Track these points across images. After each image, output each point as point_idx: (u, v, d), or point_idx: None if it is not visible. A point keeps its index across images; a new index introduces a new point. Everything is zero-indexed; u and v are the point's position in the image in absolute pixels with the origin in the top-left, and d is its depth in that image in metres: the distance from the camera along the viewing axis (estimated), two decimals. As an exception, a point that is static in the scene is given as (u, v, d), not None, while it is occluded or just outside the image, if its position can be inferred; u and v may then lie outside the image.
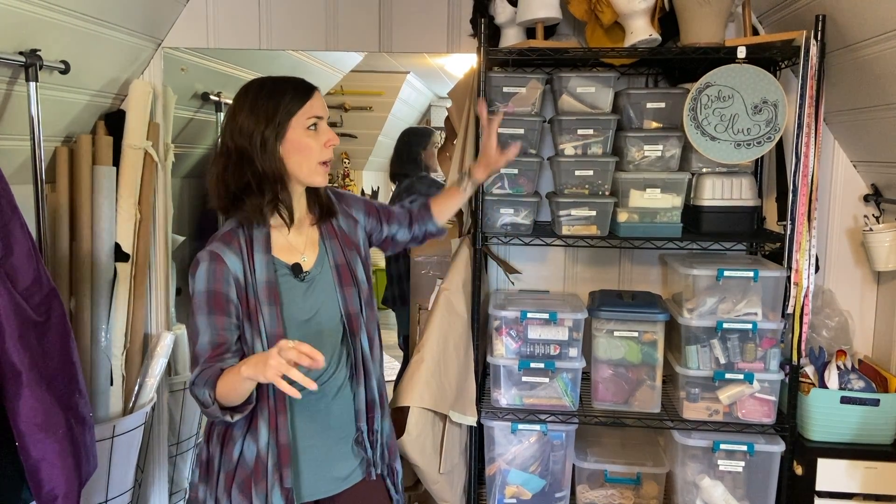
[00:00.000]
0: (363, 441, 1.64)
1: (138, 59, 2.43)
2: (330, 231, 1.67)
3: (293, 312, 1.56)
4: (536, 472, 2.23)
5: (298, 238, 1.63)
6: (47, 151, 2.17)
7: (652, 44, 2.06)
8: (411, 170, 3.39)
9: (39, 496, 1.68)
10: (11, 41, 1.87)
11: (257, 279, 1.53)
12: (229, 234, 1.56)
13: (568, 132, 2.19)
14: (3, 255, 1.61)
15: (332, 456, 1.62)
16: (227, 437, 1.57)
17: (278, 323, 1.52)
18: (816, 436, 2.08)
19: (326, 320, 1.61)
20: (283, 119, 1.52)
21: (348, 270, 1.65)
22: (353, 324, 1.62)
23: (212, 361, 1.49)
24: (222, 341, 1.50)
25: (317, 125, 1.56)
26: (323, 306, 1.60)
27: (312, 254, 1.63)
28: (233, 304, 1.52)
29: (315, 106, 1.56)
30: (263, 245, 1.56)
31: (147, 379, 2.42)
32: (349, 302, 1.62)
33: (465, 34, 2.44)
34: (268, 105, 1.53)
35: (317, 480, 1.61)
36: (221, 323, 1.51)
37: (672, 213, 2.18)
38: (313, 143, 1.55)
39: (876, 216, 2.28)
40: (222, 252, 1.52)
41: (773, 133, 2.03)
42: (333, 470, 1.63)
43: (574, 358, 2.16)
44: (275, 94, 1.54)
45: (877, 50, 1.85)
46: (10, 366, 1.60)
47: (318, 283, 1.61)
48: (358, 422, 1.64)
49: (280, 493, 1.51)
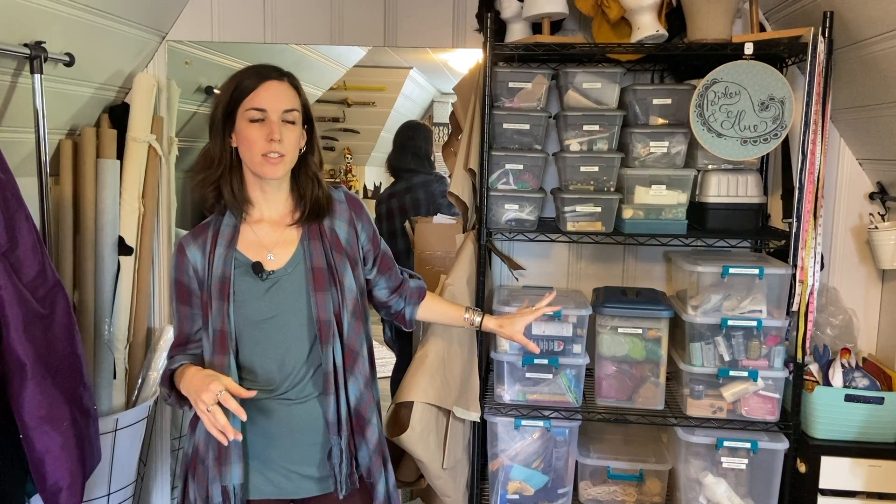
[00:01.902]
0: (333, 456, 1.57)
1: (143, 52, 2.43)
2: (313, 232, 1.60)
3: (247, 311, 1.54)
4: (539, 469, 2.23)
5: (271, 235, 1.59)
6: (51, 144, 2.17)
7: (658, 39, 2.05)
8: (412, 164, 3.36)
9: (44, 489, 1.69)
10: (16, 33, 1.86)
11: (212, 273, 1.54)
12: (202, 227, 1.61)
13: (573, 128, 2.18)
14: (8, 248, 1.60)
15: (294, 462, 1.58)
16: (192, 424, 1.63)
17: (223, 320, 1.52)
18: (820, 434, 2.08)
19: (291, 324, 1.55)
20: (232, 107, 1.52)
21: (327, 274, 1.56)
22: (322, 331, 1.54)
23: (176, 349, 1.60)
24: (183, 329, 1.60)
25: (261, 119, 1.51)
26: (287, 309, 1.55)
27: (286, 253, 1.58)
28: (194, 295, 1.58)
29: (261, 97, 1.51)
30: (228, 239, 1.56)
31: (150, 372, 2.42)
32: (320, 307, 1.54)
33: (471, 29, 2.43)
34: (225, 90, 1.55)
35: (262, 483, 1.57)
36: (184, 312, 1.59)
37: (677, 209, 2.17)
38: (256, 134, 1.50)
39: (881, 214, 2.28)
40: (186, 244, 1.58)
41: (779, 130, 2.02)
42: (296, 474, 1.58)
43: (578, 354, 2.16)
44: (234, 79, 1.54)
45: (884, 47, 1.84)
46: (15, 358, 1.60)
47: (285, 284, 1.56)
48: (330, 434, 1.57)
49: (218, 486, 1.53)
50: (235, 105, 1.52)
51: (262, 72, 1.54)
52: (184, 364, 1.54)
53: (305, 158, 1.61)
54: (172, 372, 1.54)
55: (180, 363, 1.55)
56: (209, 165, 1.57)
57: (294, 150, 1.56)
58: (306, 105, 1.60)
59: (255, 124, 1.51)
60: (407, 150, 3.36)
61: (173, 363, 1.57)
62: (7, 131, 2.01)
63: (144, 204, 2.40)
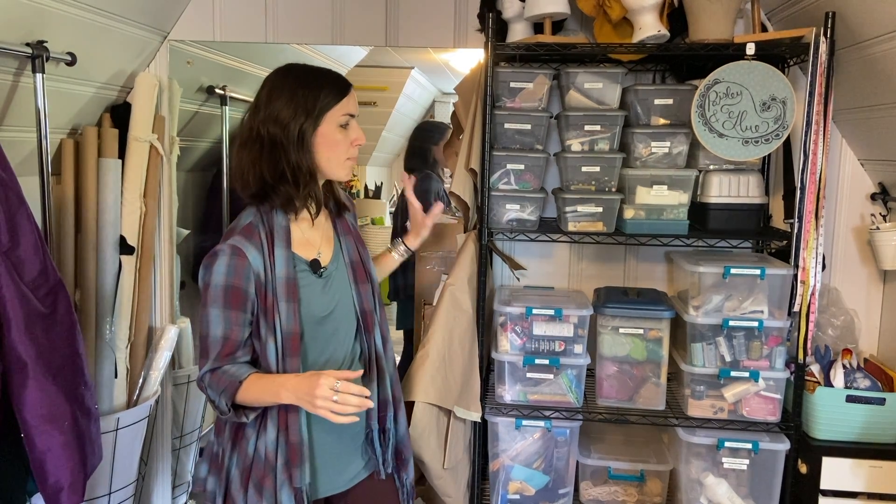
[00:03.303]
0: (373, 440, 1.64)
1: (144, 52, 2.43)
2: (344, 227, 1.68)
3: (311, 309, 1.55)
4: (540, 469, 2.23)
5: (315, 233, 1.62)
6: (53, 143, 2.17)
7: (660, 40, 2.05)
8: (418, 164, 3.38)
9: (45, 488, 1.69)
10: (18, 32, 1.87)
11: (277, 275, 1.50)
12: (249, 228, 1.52)
13: (575, 128, 2.18)
14: (9, 247, 1.60)
15: (346, 453, 1.62)
16: (240, 434, 1.55)
17: (295, 321, 1.50)
18: (821, 434, 2.07)
19: (342, 317, 1.61)
20: (320, 113, 1.52)
21: (363, 268, 1.66)
22: (367, 321, 1.63)
23: (224, 359, 1.48)
24: (234, 337, 1.49)
25: (349, 123, 1.57)
26: (339, 303, 1.60)
27: (328, 249, 1.63)
28: (250, 301, 1.49)
29: (350, 104, 1.57)
30: (284, 239, 1.53)
31: (151, 372, 2.42)
32: (364, 299, 1.63)
33: (473, 29, 2.43)
34: (307, 96, 1.51)
35: (331, 477, 1.61)
36: (236, 318, 1.49)
37: (679, 210, 2.17)
38: (342, 139, 1.56)
39: (883, 215, 2.28)
40: (244, 247, 1.49)
41: (781, 130, 2.02)
42: (346, 467, 1.63)
43: (579, 354, 2.16)
44: (314, 86, 1.53)
45: (886, 48, 1.84)
46: (17, 357, 1.60)
47: (335, 279, 1.61)
48: (369, 420, 1.64)
49: (289, 490, 1.49)
50: (324, 111, 1.53)
51: (341, 78, 1.59)
52: (253, 373, 1.48)
53: None
54: (241, 383, 1.46)
55: (249, 372, 1.47)
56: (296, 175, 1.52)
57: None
58: None
59: (343, 129, 1.56)
60: (422, 150, 3.39)
61: (240, 374, 1.46)
62: (9, 130, 2.01)
63: (146, 203, 2.40)
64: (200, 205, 3.11)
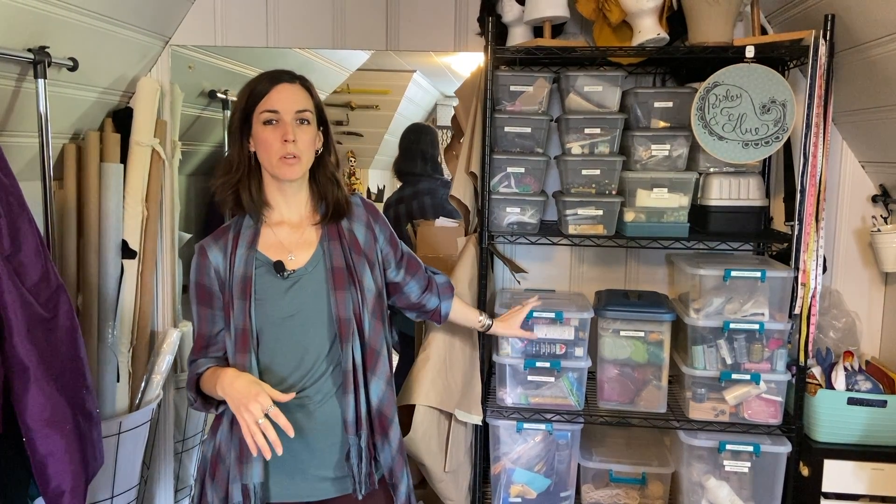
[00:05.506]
0: (352, 456, 1.57)
1: (146, 57, 2.44)
2: (332, 233, 1.63)
3: (268, 309, 1.56)
4: (541, 472, 2.23)
5: (292, 237, 1.62)
6: (55, 148, 2.18)
7: (660, 43, 2.06)
8: (416, 167, 3.36)
9: (46, 492, 1.69)
10: (21, 38, 1.88)
11: (234, 273, 1.57)
12: (223, 230, 1.64)
13: (575, 131, 2.19)
14: (11, 252, 1.61)
15: (314, 462, 1.58)
16: (216, 424, 1.65)
17: (245, 318, 1.54)
18: (823, 437, 2.07)
19: (311, 322, 1.57)
20: (248, 112, 1.57)
21: (346, 274, 1.59)
22: (342, 329, 1.56)
23: (198, 353, 1.62)
24: (203, 331, 1.62)
25: (273, 120, 1.55)
26: (308, 307, 1.57)
27: (306, 253, 1.61)
28: (215, 297, 1.60)
29: (273, 99, 1.55)
30: (249, 240, 1.60)
31: (153, 376, 2.43)
32: (340, 306, 1.56)
33: (473, 33, 2.43)
34: (240, 98, 1.59)
35: (287, 485, 1.57)
36: (204, 314, 1.61)
37: (679, 212, 2.17)
38: (271, 136, 1.54)
39: (884, 217, 2.27)
40: (208, 246, 1.61)
41: (781, 133, 2.02)
42: (313, 476, 1.58)
43: (580, 357, 2.16)
44: (248, 87, 1.58)
45: (886, 50, 1.84)
46: (18, 362, 1.61)
47: (306, 283, 1.58)
48: (347, 433, 1.57)
49: (239, 486, 1.53)
50: (251, 109, 1.56)
51: (275, 75, 1.59)
52: (210, 367, 1.58)
53: (322, 159, 1.65)
54: (199, 376, 1.58)
55: (206, 367, 1.58)
56: (229, 170, 1.60)
57: (309, 150, 1.59)
58: (320, 106, 1.63)
59: (270, 126, 1.55)
60: (413, 154, 3.36)
61: (198, 367, 1.59)
62: (11, 136, 2.02)
63: (148, 207, 2.40)
64: (202, 209, 3.12)
